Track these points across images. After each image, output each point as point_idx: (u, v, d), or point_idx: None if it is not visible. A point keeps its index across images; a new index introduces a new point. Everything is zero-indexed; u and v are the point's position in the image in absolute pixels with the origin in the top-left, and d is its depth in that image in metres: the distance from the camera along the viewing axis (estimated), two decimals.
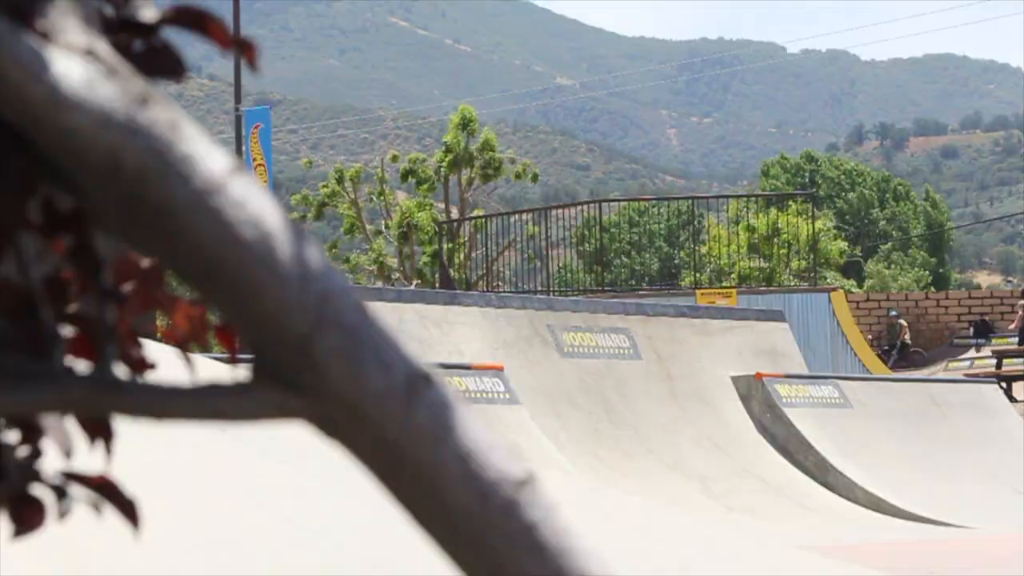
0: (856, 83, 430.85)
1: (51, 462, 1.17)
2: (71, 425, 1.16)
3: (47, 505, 1.16)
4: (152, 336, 1.22)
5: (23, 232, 1.09)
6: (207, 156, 1.04)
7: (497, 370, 10.95)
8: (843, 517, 11.57)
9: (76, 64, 1.03)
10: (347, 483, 2.93)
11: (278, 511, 4.57)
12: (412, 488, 1.09)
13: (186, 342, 1.16)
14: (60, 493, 1.16)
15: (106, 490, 1.18)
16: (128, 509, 1.19)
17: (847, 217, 73.27)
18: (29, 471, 1.15)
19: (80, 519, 1.25)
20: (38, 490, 1.16)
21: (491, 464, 1.09)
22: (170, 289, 1.14)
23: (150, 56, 1.09)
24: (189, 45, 1.20)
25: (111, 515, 1.19)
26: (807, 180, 73.75)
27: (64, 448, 1.16)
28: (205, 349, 1.17)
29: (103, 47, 1.05)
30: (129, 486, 1.19)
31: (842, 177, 78.17)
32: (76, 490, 1.17)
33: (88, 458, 1.22)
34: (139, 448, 2.96)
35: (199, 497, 4.48)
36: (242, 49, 1.12)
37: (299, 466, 4.95)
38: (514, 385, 10.98)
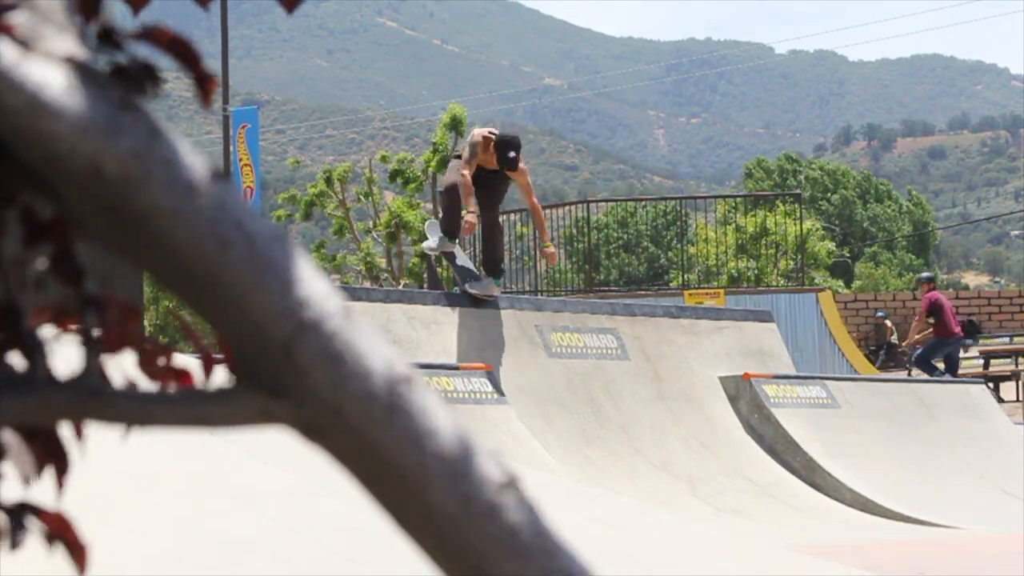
0: (844, 84, 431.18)
1: (9, 488, 1.16)
2: (28, 452, 1.14)
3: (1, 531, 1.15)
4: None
5: (3, 240, 1.09)
6: (187, 162, 1.04)
7: (485, 370, 10.94)
8: (831, 517, 11.58)
9: (56, 72, 1.03)
10: (331, 483, 2.93)
11: (263, 512, 4.56)
12: (395, 492, 1.09)
13: (151, 380, 1.15)
14: (16, 523, 1.14)
15: (60, 529, 1.16)
16: (78, 553, 1.18)
17: (833, 219, 73.35)
18: None
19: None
20: None
21: (474, 467, 1.09)
22: (143, 330, 1.13)
23: (128, 68, 1.09)
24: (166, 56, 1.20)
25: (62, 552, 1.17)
26: (792, 182, 73.78)
27: (24, 474, 1.15)
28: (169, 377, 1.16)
29: (83, 55, 1.05)
30: (112, 485, 1.19)
31: (825, 178, 78.25)
32: (32, 523, 1.15)
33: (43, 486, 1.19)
34: (127, 447, 2.96)
35: (185, 497, 4.48)
36: (202, 84, 1.12)
37: (284, 466, 4.95)
38: (502, 385, 10.98)
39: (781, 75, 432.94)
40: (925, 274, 23.36)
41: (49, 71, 1.03)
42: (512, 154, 11.85)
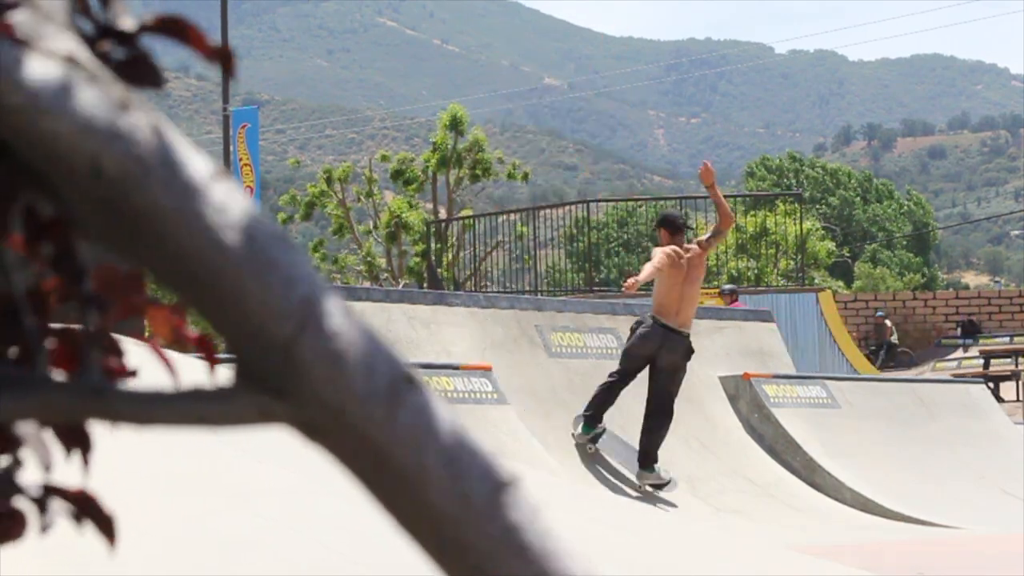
0: (844, 83, 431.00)
1: (31, 474, 1.17)
2: (49, 436, 1.15)
3: (28, 518, 1.16)
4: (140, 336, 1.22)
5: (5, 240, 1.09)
6: (189, 161, 1.04)
7: (485, 370, 10.94)
8: (831, 517, 11.58)
9: (57, 70, 1.03)
10: (332, 482, 2.94)
11: (263, 511, 4.56)
12: (395, 491, 1.09)
13: (166, 347, 1.16)
14: (41, 506, 1.16)
15: (85, 504, 1.17)
16: (106, 525, 1.19)
17: (833, 219, 73.30)
18: (9, 484, 1.15)
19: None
20: (19, 502, 1.16)
21: (474, 467, 1.09)
22: (150, 295, 1.14)
23: (130, 65, 1.09)
24: (178, 45, 1.20)
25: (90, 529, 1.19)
26: (792, 182, 73.70)
27: (43, 460, 1.15)
28: (185, 351, 1.17)
29: (84, 53, 1.05)
30: (113, 486, 1.19)
31: (827, 178, 78.20)
32: (56, 503, 1.16)
33: (67, 469, 1.21)
34: (123, 446, 2.96)
35: (185, 496, 4.48)
36: (221, 58, 1.12)
37: (284, 465, 4.95)
38: (502, 385, 10.97)
39: (781, 75, 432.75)
40: (727, 286, 23.68)
41: (50, 70, 1.03)
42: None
